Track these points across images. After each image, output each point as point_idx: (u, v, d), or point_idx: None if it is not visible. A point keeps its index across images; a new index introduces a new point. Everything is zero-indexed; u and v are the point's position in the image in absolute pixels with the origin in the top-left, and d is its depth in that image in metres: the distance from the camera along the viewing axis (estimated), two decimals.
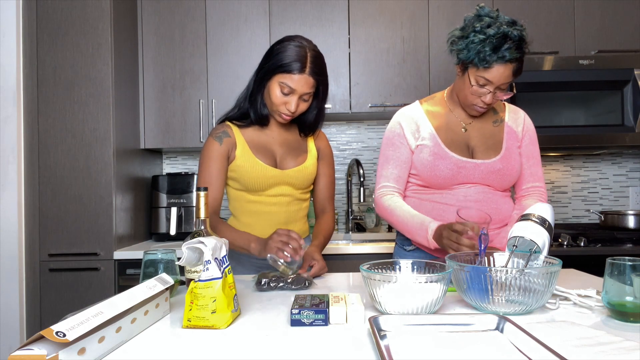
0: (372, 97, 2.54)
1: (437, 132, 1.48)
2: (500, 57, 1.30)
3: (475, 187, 1.45)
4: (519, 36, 1.31)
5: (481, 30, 1.32)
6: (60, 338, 0.65)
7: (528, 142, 1.51)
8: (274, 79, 1.39)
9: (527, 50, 1.36)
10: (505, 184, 1.47)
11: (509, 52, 1.30)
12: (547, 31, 2.51)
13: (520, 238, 1.10)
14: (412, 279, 0.96)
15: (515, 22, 1.34)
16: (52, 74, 2.23)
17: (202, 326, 0.91)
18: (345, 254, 2.25)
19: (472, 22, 1.36)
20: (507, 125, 1.51)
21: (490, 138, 1.48)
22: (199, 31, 2.55)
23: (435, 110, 1.53)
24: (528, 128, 1.53)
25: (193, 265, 0.99)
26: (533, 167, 1.52)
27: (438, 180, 1.45)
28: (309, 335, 0.87)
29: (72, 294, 2.20)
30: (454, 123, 1.50)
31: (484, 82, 1.36)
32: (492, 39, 1.30)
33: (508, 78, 1.35)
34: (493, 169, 1.44)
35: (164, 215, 2.56)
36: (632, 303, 0.89)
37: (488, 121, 1.51)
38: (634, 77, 2.35)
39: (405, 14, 2.54)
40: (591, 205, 2.86)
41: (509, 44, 1.30)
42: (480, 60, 1.32)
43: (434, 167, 1.44)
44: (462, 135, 1.48)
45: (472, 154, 1.47)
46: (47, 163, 2.22)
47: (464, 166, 1.44)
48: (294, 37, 1.41)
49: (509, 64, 1.32)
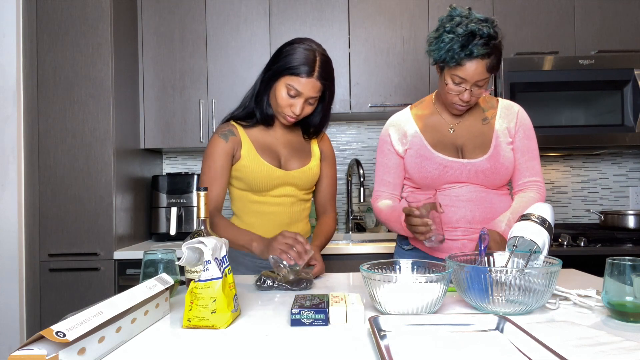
0: (372, 97, 2.54)
1: (423, 134, 1.50)
2: (468, 54, 1.31)
3: (466, 187, 1.45)
4: (487, 33, 1.31)
5: (451, 29, 1.34)
6: (60, 338, 0.65)
7: (522, 137, 1.49)
8: (281, 81, 1.38)
9: (499, 46, 1.36)
10: (495, 183, 1.46)
11: (477, 48, 1.31)
12: (547, 31, 2.51)
13: (520, 238, 1.10)
14: (412, 279, 0.96)
15: (487, 19, 1.35)
16: (52, 74, 2.23)
17: (202, 326, 0.91)
18: (345, 254, 2.25)
19: (444, 22, 1.38)
20: (497, 122, 1.49)
21: (479, 137, 1.48)
22: (199, 31, 2.55)
23: (422, 113, 1.55)
24: (522, 122, 1.50)
25: (193, 265, 0.99)
26: (529, 161, 1.49)
27: (426, 181, 1.48)
28: (309, 335, 0.87)
29: (72, 294, 2.20)
30: (441, 124, 1.51)
31: (459, 80, 1.37)
32: (460, 37, 1.32)
33: (482, 74, 1.35)
34: (480, 168, 1.44)
35: (164, 215, 2.56)
36: (632, 303, 0.89)
37: (477, 119, 1.51)
38: (634, 77, 2.35)
39: (405, 14, 2.54)
40: (591, 205, 2.85)
41: (476, 40, 1.31)
42: (450, 59, 1.34)
43: (421, 168, 1.47)
44: (450, 136, 1.49)
45: (462, 154, 1.47)
46: (47, 163, 2.22)
47: (449, 166, 1.45)
48: (303, 40, 1.41)
49: (479, 59, 1.33)
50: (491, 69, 1.36)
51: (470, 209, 1.44)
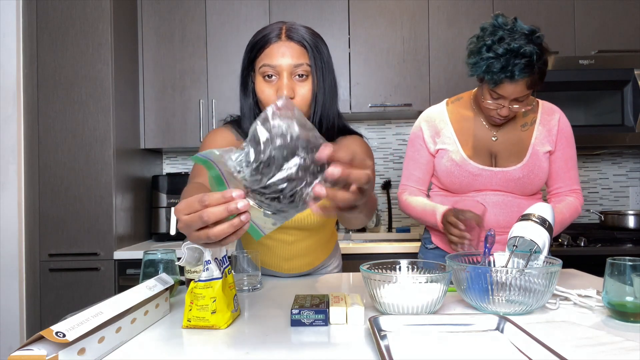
0: (372, 97, 2.54)
1: (458, 136, 1.45)
2: (508, 77, 1.24)
3: (495, 194, 1.42)
4: (531, 52, 1.22)
5: (492, 46, 1.25)
6: (60, 338, 0.65)
7: (565, 145, 1.43)
8: (257, 72, 1.10)
9: (544, 62, 1.27)
10: (527, 191, 1.43)
11: (519, 71, 1.23)
12: (547, 31, 2.50)
13: (520, 238, 1.10)
14: (412, 279, 0.96)
15: (533, 33, 1.25)
16: (52, 74, 2.23)
17: (202, 326, 0.91)
18: (345, 254, 2.24)
19: (485, 34, 1.29)
20: (536, 129, 1.43)
21: (516, 144, 1.43)
22: (199, 31, 2.55)
23: (460, 112, 1.48)
24: (563, 130, 1.43)
25: (193, 265, 0.99)
26: (571, 170, 1.44)
27: (454, 187, 1.46)
28: (309, 335, 0.86)
29: (72, 294, 2.20)
30: (479, 128, 1.45)
31: (497, 97, 1.32)
32: (501, 58, 1.23)
33: (522, 92, 1.29)
34: (512, 177, 1.40)
35: (164, 215, 2.55)
36: (633, 303, 0.89)
37: (516, 125, 1.44)
38: (634, 77, 2.35)
39: (405, 14, 2.54)
40: (591, 205, 2.85)
41: (519, 60, 1.22)
42: (490, 79, 1.28)
43: (449, 173, 1.44)
44: (486, 141, 1.44)
45: (495, 160, 1.43)
46: (47, 163, 2.22)
47: (480, 174, 1.41)
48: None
49: (520, 80, 1.26)
50: (532, 86, 1.29)
51: (495, 213, 1.41)
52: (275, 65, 1.06)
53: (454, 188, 1.47)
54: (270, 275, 1.40)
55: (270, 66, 1.06)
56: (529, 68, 1.24)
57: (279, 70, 1.07)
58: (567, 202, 1.43)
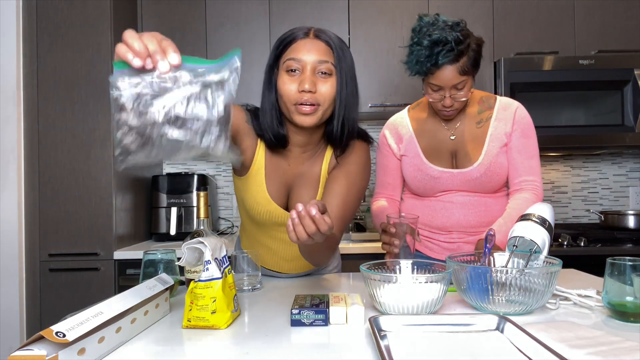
0: (372, 97, 2.54)
1: (418, 138, 1.49)
2: (434, 63, 1.30)
3: (459, 194, 1.45)
4: (451, 39, 1.29)
5: (418, 41, 1.33)
6: (60, 338, 0.65)
7: (519, 136, 1.42)
8: (281, 68, 1.13)
9: (473, 46, 1.33)
10: (489, 189, 1.44)
11: (442, 56, 1.29)
12: (547, 31, 2.51)
13: (520, 238, 1.10)
14: (412, 279, 0.96)
15: (454, 23, 1.32)
16: (52, 74, 2.23)
17: (202, 326, 0.91)
18: (345, 254, 2.24)
19: (412, 34, 1.36)
20: (491, 125, 1.43)
21: (472, 142, 1.44)
22: (199, 31, 2.55)
23: (420, 116, 1.53)
24: (519, 121, 1.43)
25: (193, 265, 0.99)
26: (526, 160, 1.42)
27: (419, 190, 1.50)
28: (309, 335, 0.86)
29: (72, 294, 2.20)
30: (438, 128, 1.48)
31: (436, 88, 1.37)
32: (425, 48, 1.31)
33: (456, 78, 1.32)
34: (471, 177, 1.42)
35: (164, 215, 2.55)
36: (633, 303, 0.89)
37: (472, 123, 1.46)
38: (634, 77, 2.35)
39: (405, 14, 2.54)
40: (591, 205, 2.85)
41: (440, 47, 1.29)
42: (420, 70, 1.34)
43: (414, 178, 1.48)
44: (445, 142, 1.47)
45: (456, 160, 1.46)
46: (47, 163, 2.22)
47: (440, 177, 1.44)
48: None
49: (448, 65, 1.31)
50: (465, 71, 1.33)
51: (463, 213, 1.44)
52: (299, 59, 1.09)
53: (419, 192, 1.50)
54: (271, 276, 1.40)
55: (295, 59, 1.10)
56: (451, 52, 1.30)
57: (303, 64, 1.09)
58: (520, 200, 1.39)
